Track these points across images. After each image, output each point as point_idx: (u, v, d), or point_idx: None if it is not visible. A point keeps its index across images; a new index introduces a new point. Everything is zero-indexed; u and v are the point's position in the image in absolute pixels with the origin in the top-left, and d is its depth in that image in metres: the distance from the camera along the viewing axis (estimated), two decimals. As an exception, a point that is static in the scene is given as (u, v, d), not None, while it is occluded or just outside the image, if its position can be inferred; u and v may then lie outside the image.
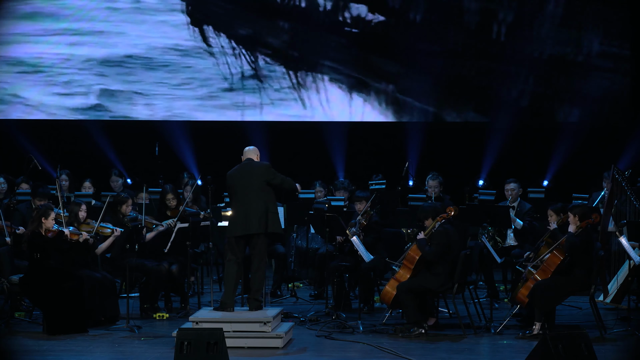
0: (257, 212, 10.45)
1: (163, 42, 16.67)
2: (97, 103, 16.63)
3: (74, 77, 16.68)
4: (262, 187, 10.53)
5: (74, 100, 16.68)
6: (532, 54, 16.36)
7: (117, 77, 16.65)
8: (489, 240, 12.28)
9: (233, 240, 10.52)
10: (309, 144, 16.60)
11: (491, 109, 16.49)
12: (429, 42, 16.39)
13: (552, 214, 11.05)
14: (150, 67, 16.65)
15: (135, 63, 16.65)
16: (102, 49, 16.65)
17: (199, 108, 16.68)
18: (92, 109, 16.65)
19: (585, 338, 8.48)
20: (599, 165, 13.77)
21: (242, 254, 10.58)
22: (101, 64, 16.65)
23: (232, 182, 10.60)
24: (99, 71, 16.64)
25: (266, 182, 10.55)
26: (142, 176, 15.15)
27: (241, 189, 10.53)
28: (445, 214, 10.91)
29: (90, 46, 16.64)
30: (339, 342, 10.52)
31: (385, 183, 14.09)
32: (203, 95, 16.71)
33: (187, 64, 16.66)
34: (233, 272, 10.54)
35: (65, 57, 16.67)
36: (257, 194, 10.51)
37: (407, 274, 10.90)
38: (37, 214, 11.10)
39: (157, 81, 16.66)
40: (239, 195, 10.53)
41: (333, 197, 13.29)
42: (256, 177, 10.54)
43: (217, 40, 16.64)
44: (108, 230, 11.53)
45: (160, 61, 16.67)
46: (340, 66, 16.62)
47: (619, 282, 11.32)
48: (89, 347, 10.26)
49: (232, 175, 10.64)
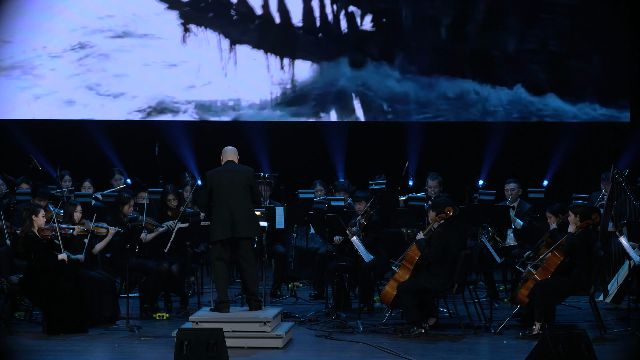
0: (242, 216, 10.46)
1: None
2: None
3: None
4: (246, 192, 10.54)
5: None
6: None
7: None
8: (489, 240, 12.28)
9: (219, 243, 10.50)
10: (309, 144, 16.61)
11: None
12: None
13: (551, 216, 11.05)
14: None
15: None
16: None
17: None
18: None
19: (585, 338, 8.48)
20: (599, 165, 13.78)
21: (229, 255, 10.58)
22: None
23: (214, 184, 10.52)
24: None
25: (249, 187, 10.57)
26: (142, 176, 15.19)
27: (226, 192, 10.49)
28: (444, 214, 10.90)
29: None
30: (339, 342, 10.52)
31: (385, 183, 14.09)
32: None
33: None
34: (224, 273, 10.53)
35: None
36: (243, 198, 10.51)
37: (406, 275, 10.91)
38: (27, 214, 11.08)
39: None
40: (223, 198, 10.49)
41: (333, 197, 13.29)
42: (241, 181, 10.53)
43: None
44: (103, 230, 11.53)
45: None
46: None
47: (619, 282, 11.32)
48: (89, 347, 10.26)
49: (214, 176, 10.56)
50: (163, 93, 16.70)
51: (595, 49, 16.34)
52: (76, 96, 16.66)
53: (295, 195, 13.79)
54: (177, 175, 14.69)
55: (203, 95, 16.70)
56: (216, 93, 16.72)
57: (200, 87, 16.71)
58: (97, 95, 16.71)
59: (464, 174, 15.55)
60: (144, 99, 16.68)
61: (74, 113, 16.67)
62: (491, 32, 16.44)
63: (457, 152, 16.52)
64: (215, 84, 16.70)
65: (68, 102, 16.69)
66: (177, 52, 16.66)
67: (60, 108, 16.66)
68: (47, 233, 11.05)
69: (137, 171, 15.70)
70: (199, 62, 16.67)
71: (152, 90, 16.66)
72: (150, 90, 16.66)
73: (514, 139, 16.34)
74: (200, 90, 16.70)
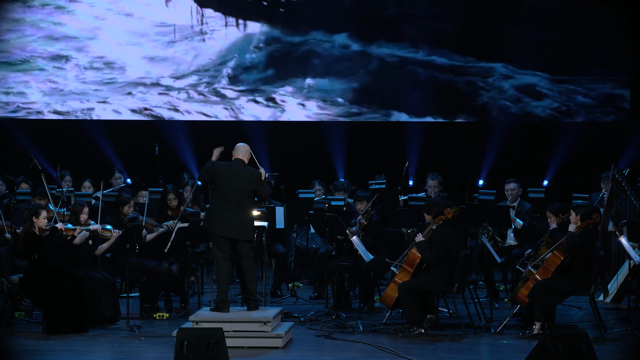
0: (241, 219, 10.48)
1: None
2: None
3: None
4: (246, 196, 10.54)
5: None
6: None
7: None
8: (489, 240, 12.28)
9: (219, 239, 10.52)
10: (309, 144, 16.61)
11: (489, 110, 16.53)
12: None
13: (551, 216, 11.04)
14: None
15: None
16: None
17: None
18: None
19: (585, 338, 8.48)
20: (599, 165, 13.78)
21: (230, 251, 10.59)
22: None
23: (219, 179, 10.52)
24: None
25: (253, 192, 10.57)
26: (142, 176, 15.19)
27: (229, 191, 10.49)
28: (443, 216, 10.88)
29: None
30: (339, 342, 10.52)
31: (385, 183, 14.09)
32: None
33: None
34: (226, 271, 10.56)
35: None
36: (245, 201, 10.52)
37: (406, 277, 10.88)
38: (28, 214, 11.08)
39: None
40: (225, 195, 10.49)
41: (333, 197, 13.29)
42: (243, 186, 10.53)
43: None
44: (108, 233, 11.51)
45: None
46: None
47: (619, 282, 11.31)
48: (89, 347, 10.25)
49: (221, 171, 10.56)
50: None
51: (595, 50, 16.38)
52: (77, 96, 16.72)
53: (296, 195, 13.79)
54: (177, 175, 14.69)
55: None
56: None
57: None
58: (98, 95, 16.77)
59: (464, 174, 15.55)
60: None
61: (75, 113, 16.70)
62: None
63: (457, 152, 16.52)
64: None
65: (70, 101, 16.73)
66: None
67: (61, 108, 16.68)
68: (46, 234, 11.03)
69: (137, 171, 15.70)
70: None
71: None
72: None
73: (514, 139, 16.34)
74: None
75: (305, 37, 16.72)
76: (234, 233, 10.49)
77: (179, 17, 16.78)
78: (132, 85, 16.80)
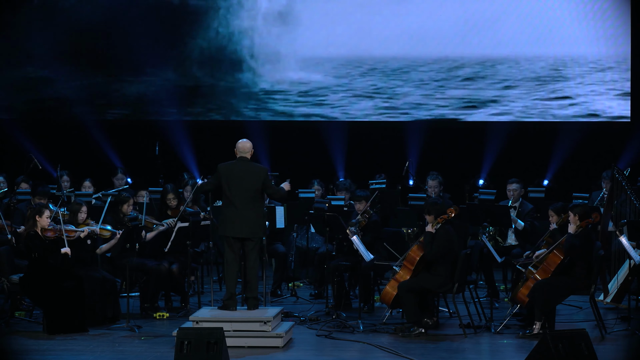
0: (251, 217, 10.49)
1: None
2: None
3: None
4: (257, 191, 10.55)
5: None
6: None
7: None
8: (490, 240, 12.27)
9: (231, 239, 10.53)
10: (309, 143, 16.60)
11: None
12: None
13: (553, 214, 11.04)
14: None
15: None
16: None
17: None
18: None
19: (585, 338, 8.48)
20: (599, 165, 13.77)
21: (240, 250, 10.61)
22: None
23: (226, 179, 10.53)
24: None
25: (262, 188, 10.57)
26: (142, 176, 15.19)
27: (234, 192, 10.50)
28: (445, 215, 10.89)
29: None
30: (339, 341, 10.52)
31: (385, 183, 14.09)
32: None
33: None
34: (235, 270, 10.57)
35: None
36: (253, 198, 10.54)
37: (407, 275, 10.90)
38: (31, 213, 11.11)
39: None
40: (234, 194, 10.50)
41: (333, 197, 13.29)
42: (252, 183, 10.53)
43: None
44: (107, 233, 11.51)
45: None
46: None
47: (619, 282, 11.32)
48: (89, 347, 10.25)
49: (227, 171, 10.57)
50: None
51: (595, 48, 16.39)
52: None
53: (296, 194, 13.78)
54: (177, 175, 14.69)
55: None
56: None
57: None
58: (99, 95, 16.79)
59: (464, 174, 15.54)
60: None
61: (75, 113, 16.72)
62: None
63: (457, 152, 16.51)
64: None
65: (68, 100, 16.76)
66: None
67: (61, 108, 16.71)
68: (49, 234, 11.04)
69: (137, 171, 15.69)
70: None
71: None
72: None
73: (514, 139, 16.33)
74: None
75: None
76: (247, 232, 10.50)
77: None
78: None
